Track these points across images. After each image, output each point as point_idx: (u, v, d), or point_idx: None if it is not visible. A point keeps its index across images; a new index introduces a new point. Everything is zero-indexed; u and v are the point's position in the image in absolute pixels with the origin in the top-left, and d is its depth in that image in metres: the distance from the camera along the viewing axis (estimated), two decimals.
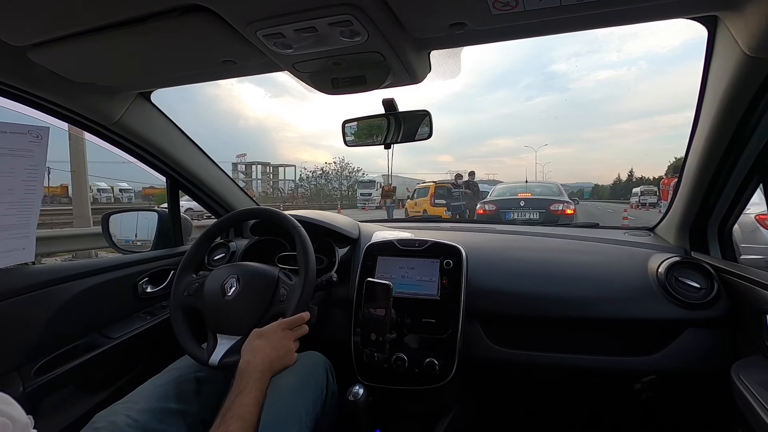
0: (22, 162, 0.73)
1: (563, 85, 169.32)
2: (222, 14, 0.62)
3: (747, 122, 0.77)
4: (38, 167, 0.75)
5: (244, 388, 0.60)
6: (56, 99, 0.93)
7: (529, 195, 6.64)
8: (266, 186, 37.93)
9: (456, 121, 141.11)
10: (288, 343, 0.71)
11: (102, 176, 26.77)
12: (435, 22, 0.67)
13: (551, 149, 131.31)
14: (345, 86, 0.86)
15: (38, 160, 0.74)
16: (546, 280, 1.04)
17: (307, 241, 0.93)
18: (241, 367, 0.63)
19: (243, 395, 0.59)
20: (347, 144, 1.16)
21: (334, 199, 34.40)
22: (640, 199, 21.60)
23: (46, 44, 0.71)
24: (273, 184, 38.29)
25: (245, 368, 0.63)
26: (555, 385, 1.20)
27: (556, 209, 6.20)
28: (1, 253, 0.72)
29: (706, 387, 0.97)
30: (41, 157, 0.75)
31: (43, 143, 0.75)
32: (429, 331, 1.00)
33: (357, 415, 0.92)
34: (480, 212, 6.59)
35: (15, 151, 0.73)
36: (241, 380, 0.61)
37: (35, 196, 0.76)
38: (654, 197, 19.69)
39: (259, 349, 0.66)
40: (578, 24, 0.69)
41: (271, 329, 0.72)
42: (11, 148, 0.73)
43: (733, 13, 0.65)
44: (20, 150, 0.74)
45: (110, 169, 23.01)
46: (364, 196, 23.87)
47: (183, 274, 0.98)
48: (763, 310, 0.78)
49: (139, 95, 1.06)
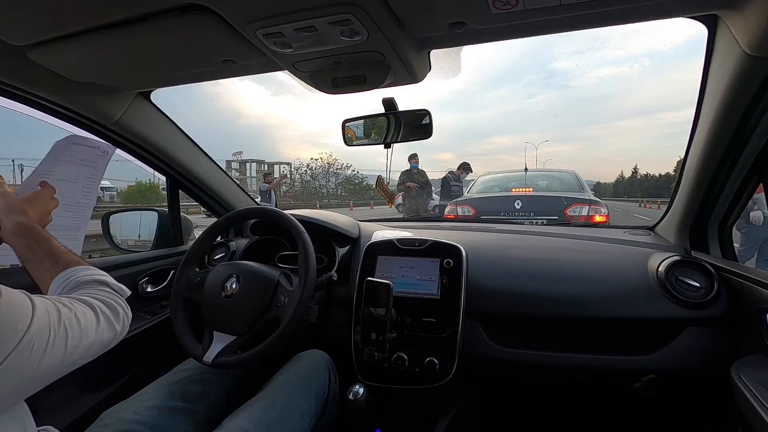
0: (85, 171, 0.81)
1: (565, 83, 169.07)
2: (222, 14, 0.62)
3: (747, 121, 0.77)
4: (97, 177, 0.82)
5: (49, 237, 0.64)
6: (56, 98, 0.93)
7: (530, 191, 4.26)
8: (260, 183, 36.62)
9: (457, 119, 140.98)
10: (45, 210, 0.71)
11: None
12: (435, 21, 0.67)
13: (553, 147, 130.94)
14: (345, 86, 0.86)
15: (99, 171, 0.82)
16: (546, 280, 1.04)
17: (309, 246, 0.93)
18: (26, 223, 0.64)
19: (53, 240, 0.64)
20: (347, 143, 1.16)
21: (321, 197, 33.05)
22: None
23: (46, 44, 0.71)
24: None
25: (35, 226, 0.65)
26: (555, 385, 1.20)
27: (578, 214, 3.59)
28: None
29: (706, 386, 0.97)
30: (101, 170, 0.82)
31: (106, 158, 0.83)
32: (429, 331, 1.00)
33: (357, 415, 0.92)
34: (450, 216, 4.04)
35: (83, 161, 0.81)
36: (40, 233, 0.64)
37: (89, 202, 0.83)
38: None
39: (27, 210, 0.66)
40: (578, 23, 0.69)
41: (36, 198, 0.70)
42: (81, 158, 0.81)
43: (733, 12, 0.65)
44: (87, 161, 0.81)
45: None
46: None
47: (186, 268, 0.99)
48: (763, 309, 0.78)
49: (138, 95, 1.06)
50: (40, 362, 0.44)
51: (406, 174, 5.35)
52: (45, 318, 0.46)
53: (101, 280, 0.61)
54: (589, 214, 3.59)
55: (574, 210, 3.62)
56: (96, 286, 0.60)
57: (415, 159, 5.36)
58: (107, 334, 0.55)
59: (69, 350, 0.48)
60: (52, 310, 0.47)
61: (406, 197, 5.36)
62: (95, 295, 0.58)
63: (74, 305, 0.52)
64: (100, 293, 0.59)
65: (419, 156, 5.47)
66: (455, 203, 4.29)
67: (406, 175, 5.33)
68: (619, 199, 36.97)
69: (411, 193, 5.28)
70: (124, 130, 1.08)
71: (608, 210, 3.74)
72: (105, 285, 0.61)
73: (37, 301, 0.46)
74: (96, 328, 0.53)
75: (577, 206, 3.63)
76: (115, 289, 0.62)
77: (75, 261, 0.63)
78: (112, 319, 0.56)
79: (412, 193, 5.29)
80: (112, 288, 0.62)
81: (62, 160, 0.79)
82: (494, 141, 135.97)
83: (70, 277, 0.60)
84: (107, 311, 0.56)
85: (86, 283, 0.60)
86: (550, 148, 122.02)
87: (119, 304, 0.59)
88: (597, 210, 3.62)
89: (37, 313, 0.45)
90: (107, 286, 0.61)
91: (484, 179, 5.22)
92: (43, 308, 0.46)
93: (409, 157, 5.40)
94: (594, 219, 3.56)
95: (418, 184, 5.31)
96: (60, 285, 0.59)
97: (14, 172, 27.33)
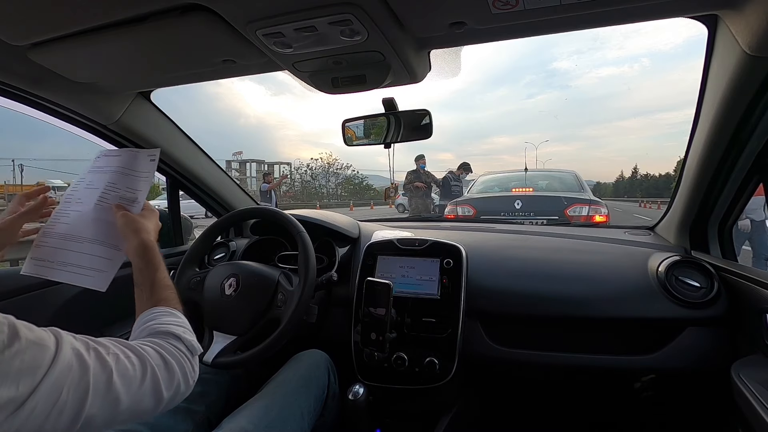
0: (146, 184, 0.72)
1: (565, 83, 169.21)
2: (222, 14, 0.62)
3: (747, 121, 0.77)
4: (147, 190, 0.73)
5: (159, 264, 0.64)
6: (56, 98, 0.93)
7: (530, 191, 4.31)
8: (260, 183, 36.38)
9: (457, 119, 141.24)
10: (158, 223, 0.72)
11: (71, 172, 26.12)
12: (435, 21, 0.67)
13: (552, 147, 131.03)
14: (345, 85, 0.86)
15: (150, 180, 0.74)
16: (546, 280, 1.04)
17: (309, 246, 0.93)
18: (149, 245, 0.64)
19: (161, 270, 0.63)
20: (347, 144, 1.16)
21: (321, 197, 32.99)
22: None
23: (46, 44, 0.71)
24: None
25: (154, 246, 0.65)
26: (555, 384, 1.20)
27: (578, 214, 3.61)
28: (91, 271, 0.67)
29: (706, 386, 0.97)
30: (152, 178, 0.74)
31: (154, 165, 0.74)
32: (429, 331, 1.00)
33: (357, 415, 0.92)
34: (450, 216, 4.07)
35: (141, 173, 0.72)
36: (154, 257, 0.64)
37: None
38: None
39: (152, 231, 0.68)
40: (578, 23, 0.69)
41: (150, 213, 0.71)
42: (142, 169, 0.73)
43: (733, 12, 0.65)
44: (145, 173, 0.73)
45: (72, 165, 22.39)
46: None
47: (186, 268, 0.99)
48: (763, 309, 0.78)
49: (138, 95, 1.06)
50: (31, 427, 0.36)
51: (413, 174, 5.39)
52: (62, 377, 0.38)
53: (176, 333, 0.55)
54: (589, 214, 3.60)
55: (574, 210, 3.63)
56: (168, 339, 0.54)
57: (422, 160, 5.42)
58: (147, 401, 0.47)
59: (82, 419, 0.40)
60: (76, 367, 0.40)
61: (413, 197, 5.40)
62: (159, 349, 0.51)
63: (120, 360, 0.44)
64: (167, 347, 0.52)
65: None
66: (455, 203, 4.30)
67: (414, 175, 5.37)
68: (619, 199, 36.78)
69: (419, 192, 5.35)
70: (124, 130, 1.08)
71: (608, 210, 3.75)
72: (178, 340, 0.55)
73: (63, 353, 0.39)
74: (135, 390, 0.45)
75: (577, 206, 3.64)
76: (188, 346, 0.55)
77: (166, 299, 0.60)
78: (161, 384, 0.48)
79: (419, 193, 5.36)
80: (185, 345, 0.55)
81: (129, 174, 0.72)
82: (494, 141, 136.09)
83: (150, 320, 0.56)
84: (162, 373, 0.48)
85: (160, 334, 0.54)
86: (550, 148, 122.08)
87: (183, 366, 0.52)
88: (597, 210, 3.62)
89: (54, 370, 0.38)
90: (180, 342, 0.55)
91: (484, 179, 5.22)
92: (65, 363, 0.39)
93: (416, 157, 5.47)
94: (594, 219, 3.57)
95: (426, 184, 5.40)
96: (140, 326, 0.56)
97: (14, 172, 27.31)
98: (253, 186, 31.09)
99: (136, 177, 0.72)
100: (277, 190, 11.36)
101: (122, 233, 0.66)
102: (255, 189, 28.57)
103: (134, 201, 0.69)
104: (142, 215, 0.69)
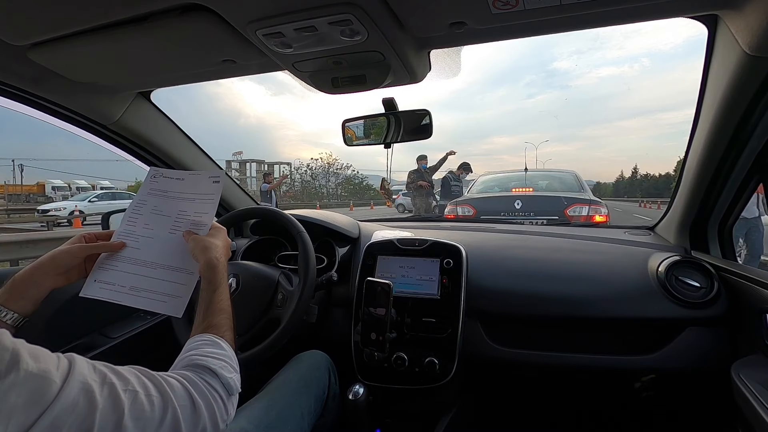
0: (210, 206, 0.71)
1: (565, 83, 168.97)
2: (222, 14, 0.63)
3: (747, 121, 0.77)
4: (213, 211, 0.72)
5: (219, 284, 0.62)
6: (56, 99, 0.93)
7: (530, 191, 4.31)
8: (260, 183, 36.19)
9: (457, 119, 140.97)
10: (226, 239, 0.72)
11: (75, 172, 26.45)
12: (435, 21, 0.67)
13: (552, 147, 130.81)
14: (345, 85, 0.86)
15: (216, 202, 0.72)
16: (546, 280, 1.04)
17: (309, 246, 0.93)
18: (213, 263, 0.63)
19: (220, 291, 0.62)
20: (347, 143, 1.16)
21: (321, 197, 33.01)
22: None
23: (46, 44, 0.71)
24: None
25: (218, 265, 0.64)
26: (555, 385, 1.20)
27: (578, 214, 3.60)
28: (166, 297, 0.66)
29: (706, 386, 0.97)
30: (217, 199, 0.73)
31: (219, 186, 0.73)
32: (429, 331, 1.00)
33: (357, 415, 0.92)
34: (450, 216, 4.03)
35: (206, 196, 0.72)
36: (215, 276, 0.62)
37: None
38: None
39: (220, 248, 0.68)
40: (578, 23, 0.69)
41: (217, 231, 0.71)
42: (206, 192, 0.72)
43: (733, 12, 0.65)
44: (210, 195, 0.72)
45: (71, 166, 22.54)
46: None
47: None
48: (763, 309, 0.78)
49: (138, 95, 1.06)
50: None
51: (416, 173, 5.41)
52: (63, 415, 0.35)
53: (213, 369, 0.51)
54: (589, 214, 3.59)
55: (574, 210, 3.62)
56: (204, 374, 0.50)
57: (424, 160, 5.46)
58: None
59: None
60: (82, 406, 0.36)
61: (417, 196, 5.45)
62: (189, 386, 0.46)
63: (138, 398, 0.41)
64: (199, 384, 0.48)
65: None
66: (455, 203, 4.28)
67: (417, 175, 5.39)
68: (619, 199, 36.74)
69: (422, 192, 5.40)
70: (124, 130, 1.08)
71: (608, 210, 3.74)
72: (214, 377, 0.50)
73: (69, 388, 0.36)
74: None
75: (577, 206, 3.62)
76: (225, 384, 0.51)
77: (217, 325, 0.58)
78: (182, 427, 0.44)
79: (423, 192, 5.41)
80: (222, 382, 0.51)
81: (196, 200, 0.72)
82: (494, 141, 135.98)
83: (192, 349, 0.53)
84: (185, 415, 0.44)
85: (196, 368, 0.50)
86: (550, 148, 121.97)
87: (212, 407, 0.48)
88: (597, 210, 3.61)
89: (54, 408, 0.34)
90: (216, 379, 0.50)
91: (484, 179, 5.20)
92: (70, 400, 0.36)
93: (418, 157, 5.50)
94: (594, 219, 3.56)
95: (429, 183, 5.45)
96: (183, 353, 0.53)
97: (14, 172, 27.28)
98: (253, 186, 31.09)
99: (203, 201, 0.72)
100: (277, 190, 11.35)
101: (193, 255, 0.66)
102: (255, 189, 28.50)
103: (202, 224, 0.70)
104: (211, 234, 0.69)
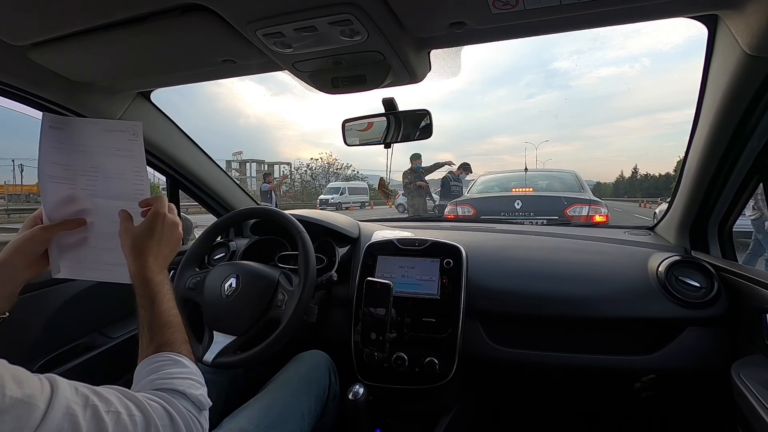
0: (129, 163, 0.63)
1: (565, 83, 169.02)
2: (222, 14, 0.62)
3: (747, 121, 0.77)
4: (141, 170, 0.63)
5: (155, 295, 0.54)
6: (56, 99, 0.93)
7: (530, 191, 4.30)
8: (260, 183, 36.03)
9: (457, 119, 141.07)
10: (176, 231, 0.62)
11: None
12: (435, 21, 0.67)
13: (552, 147, 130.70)
14: (345, 85, 0.86)
15: (139, 161, 0.63)
16: (546, 280, 1.04)
17: (309, 246, 0.93)
18: (140, 276, 0.55)
19: (159, 302, 0.54)
20: (347, 143, 1.16)
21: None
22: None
23: (46, 44, 0.71)
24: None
25: (147, 275, 0.55)
26: (555, 385, 1.20)
27: (578, 214, 3.60)
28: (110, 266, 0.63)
29: (706, 386, 0.97)
30: (141, 159, 0.63)
31: (139, 142, 0.63)
32: (429, 331, 1.00)
33: (357, 415, 0.92)
34: (450, 216, 4.03)
35: (121, 152, 0.62)
36: (147, 288, 0.54)
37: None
38: None
39: (151, 250, 0.58)
40: (578, 23, 0.69)
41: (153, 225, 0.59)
42: (118, 148, 0.62)
43: (733, 12, 0.65)
44: (124, 150, 0.63)
45: None
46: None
47: (186, 268, 0.99)
48: (763, 309, 0.78)
49: (138, 95, 1.06)
50: None
51: (413, 173, 5.40)
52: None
53: (181, 390, 0.49)
54: (589, 214, 3.59)
55: (574, 210, 3.63)
56: (174, 396, 0.48)
57: (418, 159, 5.45)
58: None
59: None
60: (67, 427, 0.36)
61: (415, 196, 5.43)
62: (167, 405, 0.46)
63: (120, 419, 0.40)
64: (176, 404, 0.47)
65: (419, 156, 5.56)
66: (455, 203, 4.29)
67: (414, 175, 5.38)
68: (619, 199, 36.67)
69: (421, 192, 5.41)
70: None
71: (608, 210, 3.74)
72: (184, 398, 0.49)
73: (54, 413, 0.35)
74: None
75: (577, 206, 3.63)
76: (195, 403, 0.50)
77: (168, 342, 0.52)
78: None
79: (422, 193, 5.42)
80: (191, 402, 0.49)
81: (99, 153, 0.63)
82: (494, 141, 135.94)
83: (153, 371, 0.50)
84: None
85: (164, 391, 0.48)
86: (550, 148, 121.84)
87: (190, 425, 0.47)
88: (597, 210, 3.61)
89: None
90: (186, 400, 0.49)
91: (484, 179, 5.21)
92: (54, 425, 0.35)
93: (411, 156, 5.47)
94: (594, 219, 3.56)
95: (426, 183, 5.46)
96: (143, 376, 0.50)
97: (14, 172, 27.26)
98: (253, 186, 30.99)
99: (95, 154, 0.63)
100: (277, 190, 11.35)
101: (124, 252, 0.58)
102: (255, 189, 28.39)
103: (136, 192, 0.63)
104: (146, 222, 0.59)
